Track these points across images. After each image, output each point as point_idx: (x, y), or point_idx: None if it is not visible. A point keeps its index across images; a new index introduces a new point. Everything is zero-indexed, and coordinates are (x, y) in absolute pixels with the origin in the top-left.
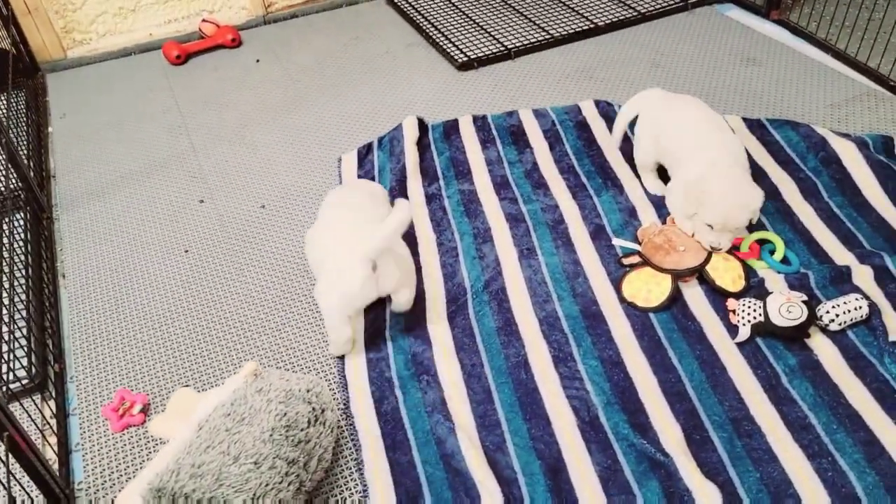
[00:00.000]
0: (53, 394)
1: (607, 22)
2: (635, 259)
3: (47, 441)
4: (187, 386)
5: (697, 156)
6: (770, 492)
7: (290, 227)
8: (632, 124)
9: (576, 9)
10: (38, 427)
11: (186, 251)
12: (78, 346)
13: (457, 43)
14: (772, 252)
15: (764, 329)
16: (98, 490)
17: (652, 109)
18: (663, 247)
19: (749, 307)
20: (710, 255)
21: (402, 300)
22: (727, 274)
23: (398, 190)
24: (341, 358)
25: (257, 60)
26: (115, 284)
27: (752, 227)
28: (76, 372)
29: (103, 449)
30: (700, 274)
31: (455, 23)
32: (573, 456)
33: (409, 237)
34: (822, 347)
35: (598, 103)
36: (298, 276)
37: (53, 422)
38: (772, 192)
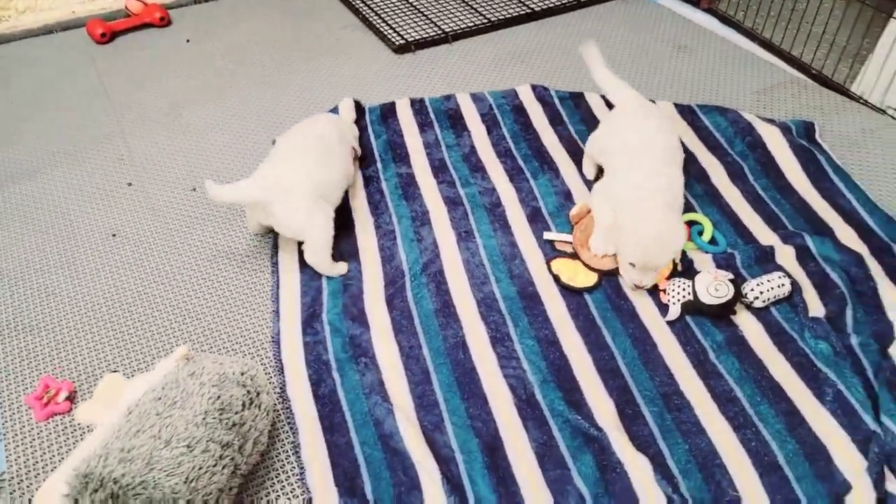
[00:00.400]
0: None
1: (544, 7)
2: (568, 248)
3: None
4: (115, 372)
5: (628, 182)
6: (698, 462)
7: (223, 210)
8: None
9: None
10: None
11: (114, 235)
12: None
13: (394, 25)
14: (700, 233)
15: (693, 307)
16: (22, 480)
17: (620, 112)
18: (588, 245)
19: (678, 286)
20: None
21: (306, 252)
22: None
23: None
24: (277, 342)
25: (188, 40)
26: (37, 269)
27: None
28: None
29: (27, 439)
30: None
31: (392, 5)
32: (510, 433)
33: (348, 220)
34: (748, 324)
35: (534, 88)
36: (232, 259)
37: None
38: (701, 176)
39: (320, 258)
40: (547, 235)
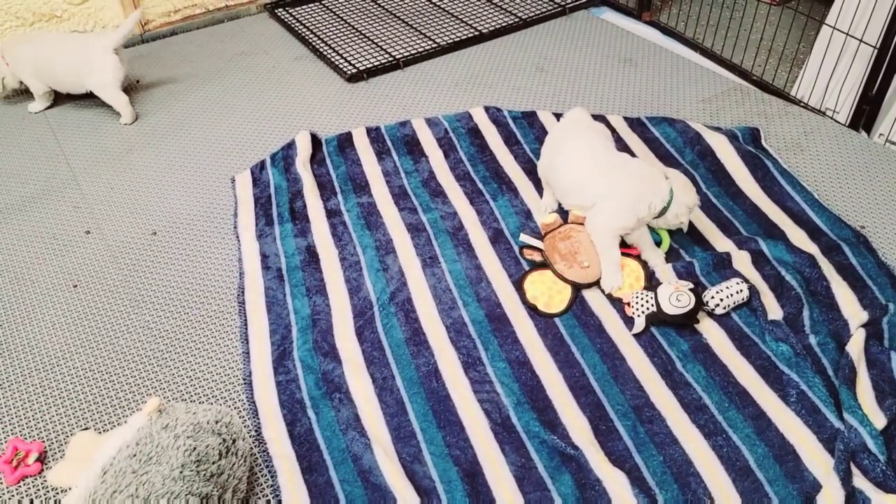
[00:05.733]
0: None
1: (491, 29)
2: (537, 256)
3: None
4: (87, 429)
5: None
6: (673, 473)
7: (186, 252)
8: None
9: (460, 17)
10: None
11: (75, 286)
12: None
13: (344, 55)
14: (658, 244)
15: (657, 318)
16: None
17: (556, 135)
18: (567, 257)
19: (642, 299)
20: None
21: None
22: (625, 281)
23: (296, 207)
24: (249, 383)
25: (137, 81)
26: None
27: None
28: None
29: None
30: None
31: (341, 34)
32: (488, 458)
33: (311, 253)
34: (710, 331)
35: (487, 109)
36: (197, 303)
37: None
38: None
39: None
40: (523, 237)
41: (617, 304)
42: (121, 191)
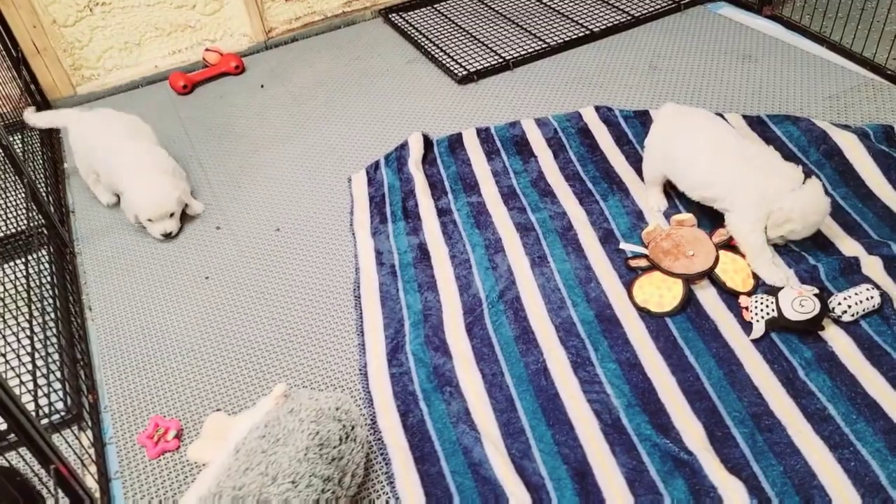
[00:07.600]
0: (89, 424)
1: (602, 28)
2: (643, 262)
3: (88, 470)
4: (219, 410)
5: (747, 185)
6: (794, 484)
7: (306, 248)
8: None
9: (570, 16)
10: (77, 456)
11: (207, 278)
12: (109, 376)
13: (456, 57)
14: None
15: (778, 324)
16: None
17: (664, 127)
18: (672, 252)
19: (762, 303)
20: (718, 257)
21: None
22: (737, 275)
23: (408, 206)
24: (365, 374)
25: (262, 86)
26: (140, 314)
27: None
28: (109, 402)
29: (142, 475)
30: (710, 276)
31: (452, 37)
32: (598, 459)
33: (423, 250)
34: (837, 339)
35: (598, 109)
36: (317, 295)
37: (92, 451)
38: None
39: None
40: (623, 245)
41: (734, 307)
42: (247, 189)
